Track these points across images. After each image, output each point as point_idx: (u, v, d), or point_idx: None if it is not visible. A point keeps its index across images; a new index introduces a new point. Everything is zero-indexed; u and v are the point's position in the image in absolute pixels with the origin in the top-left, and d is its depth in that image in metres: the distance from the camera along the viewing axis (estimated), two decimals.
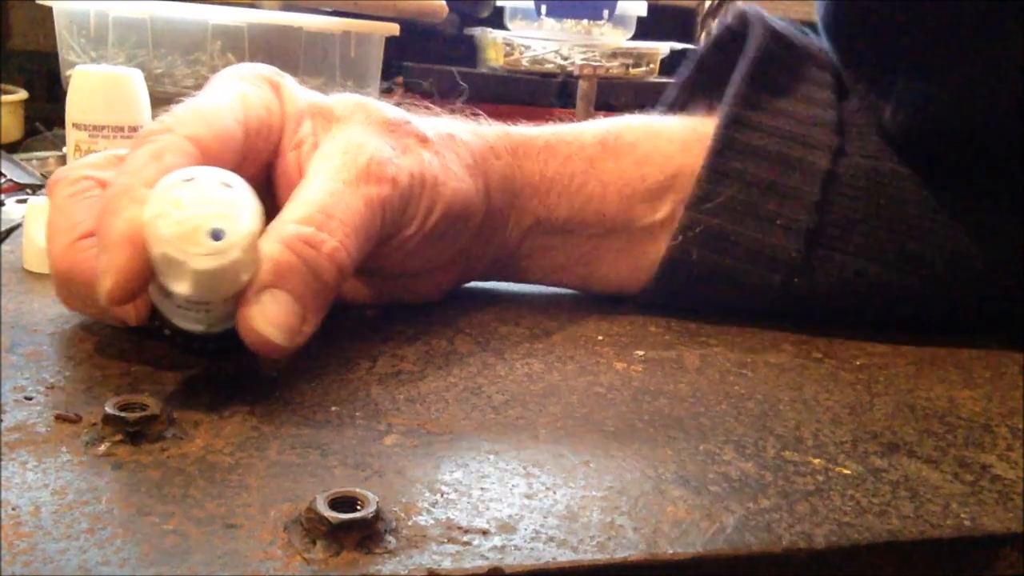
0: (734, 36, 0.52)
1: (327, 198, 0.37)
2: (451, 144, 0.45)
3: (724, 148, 0.46)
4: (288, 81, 0.43)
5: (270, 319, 0.34)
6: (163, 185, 0.33)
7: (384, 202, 0.40)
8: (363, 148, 0.40)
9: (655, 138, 0.50)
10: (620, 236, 0.49)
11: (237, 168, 0.38)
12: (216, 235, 0.32)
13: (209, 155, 0.37)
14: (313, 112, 0.42)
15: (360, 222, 0.38)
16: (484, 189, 0.46)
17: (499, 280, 0.52)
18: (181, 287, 0.33)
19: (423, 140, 0.43)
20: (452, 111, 0.48)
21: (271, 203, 0.35)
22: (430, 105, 0.48)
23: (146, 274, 0.33)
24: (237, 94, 0.40)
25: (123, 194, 0.34)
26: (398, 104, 0.45)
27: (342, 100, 0.43)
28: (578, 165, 0.49)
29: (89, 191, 0.39)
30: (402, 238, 0.42)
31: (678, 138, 0.50)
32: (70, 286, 0.39)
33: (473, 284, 0.52)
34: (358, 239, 0.38)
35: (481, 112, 0.50)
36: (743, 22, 0.51)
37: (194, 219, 0.32)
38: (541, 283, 0.52)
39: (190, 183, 0.33)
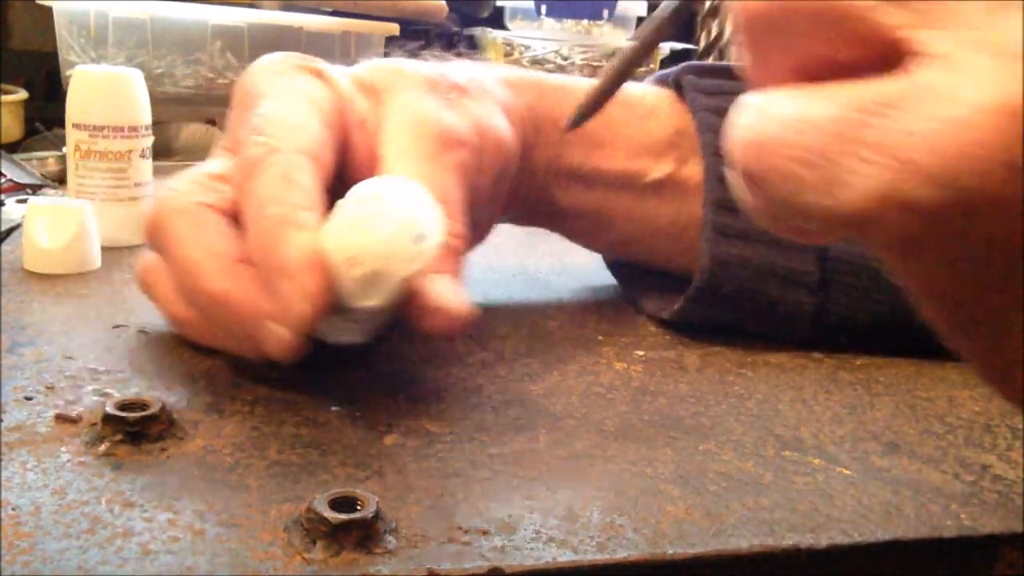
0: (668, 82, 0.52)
1: (424, 183, 0.37)
2: (483, 88, 0.45)
3: (718, 236, 0.46)
4: (324, 65, 0.43)
5: (453, 296, 0.35)
6: (348, 205, 0.33)
7: (464, 165, 0.41)
8: (426, 118, 0.40)
9: (658, 95, 0.51)
10: (629, 191, 0.50)
11: (332, 161, 0.38)
12: (420, 239, 0.33)
13: (316, 162, 0.36)
14: (359, 88, 0.42)
15: (459, 195, 0.39)
16: (518, 126, 0.46)
17: (523, 224, 0.52)
18: (374, 300, 0.33)
19: (462, 91, 0.44)
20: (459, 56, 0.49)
21: (343, 187, 0.35)
22: (442, 54, 0.48)
23: (331, 296, 0.33)
24: (301, 94, 0.40)
25: (284, 223, 0.34)
26: (412, 57, 0.46)
27: (377, 69, 0.43)
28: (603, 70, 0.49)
29: (212, 217, 0.38)
30: (478, 191, 0.43)
31: (676, 98, 0.51)
32: (221, 311, 0.36)
33: (472, 284, 0.52)
34: (464, 211, 0.39)
35: (489, 58, 0.50)
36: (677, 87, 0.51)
37: (399, 230, 0.33)
38: (559, 231, 0.53)
39: (371, 199, 0.33)
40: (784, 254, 0.46)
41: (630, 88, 0.51)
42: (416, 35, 1.13)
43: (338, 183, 0.38)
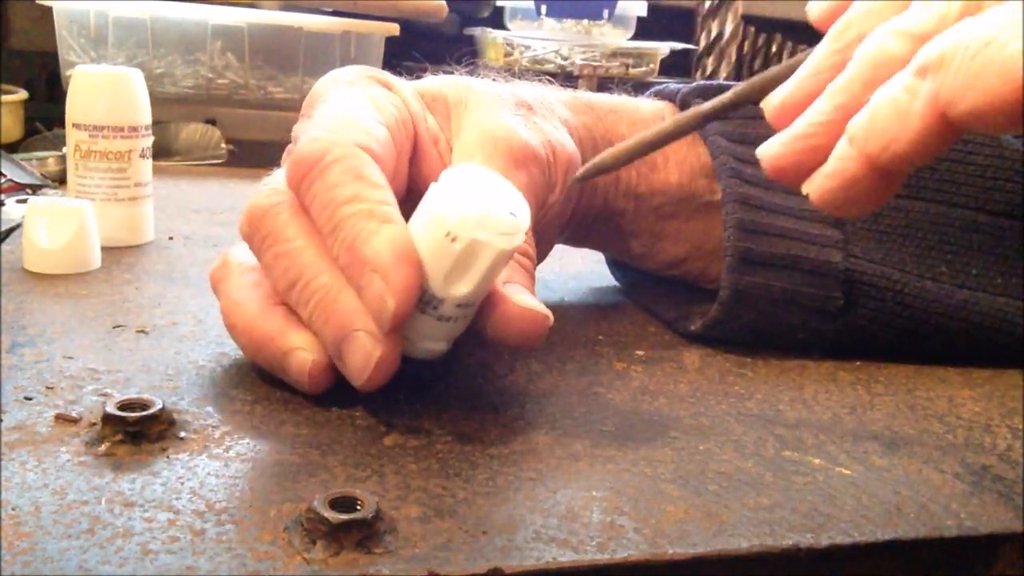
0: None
1: None
2: (548, 106, 0.46)
3: (740, 263, 0.45)
4: (393, 78, 0.43)
5: (533, 302, 0.35)
6: (441, 186, 0.34)
7: (535, 180, 0.41)
8: (500, 134, 0.40)
9: None
10: (682, 211, 0.50)
11: (395, 167, 0.38)
12: (515, 213, 0.33)
13: (376, 158, 0.36)
14: (428, 103, 0.43)
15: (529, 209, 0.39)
16: (578, 144, 0.46)
17: (578, 244, 0.53)
18: (467, 283, 0.33)
19: (530, 108, 0.44)
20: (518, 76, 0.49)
21: (414, 201, 0.35)
22: (499, 74, 0.48)
23: (419, 289, 0.33)
24: (365, 97, 0.40)
25: (369, 218, 0.33)
26: (470, 73, 0.46)
27: (447, 84, 0.44)
28: (641, 131, 0.49)
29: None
30: (546, 207, 0.43)
31: None
32: (330, 309, 0.35)
33: None
34: (532, 225, 0.39)
35: (549, 77, 0.50)
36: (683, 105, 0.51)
37: (497, 200, 0.33)
38: (613, 251, 0.54)
39: (464, 177, 0.34)
40: (807, 279, 0.45)
41: (675, 113, 0.51)
42: (416, 35, 1.13)
43: (409, 197, 0.38)
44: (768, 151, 0.30)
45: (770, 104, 0.30)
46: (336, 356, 0.35)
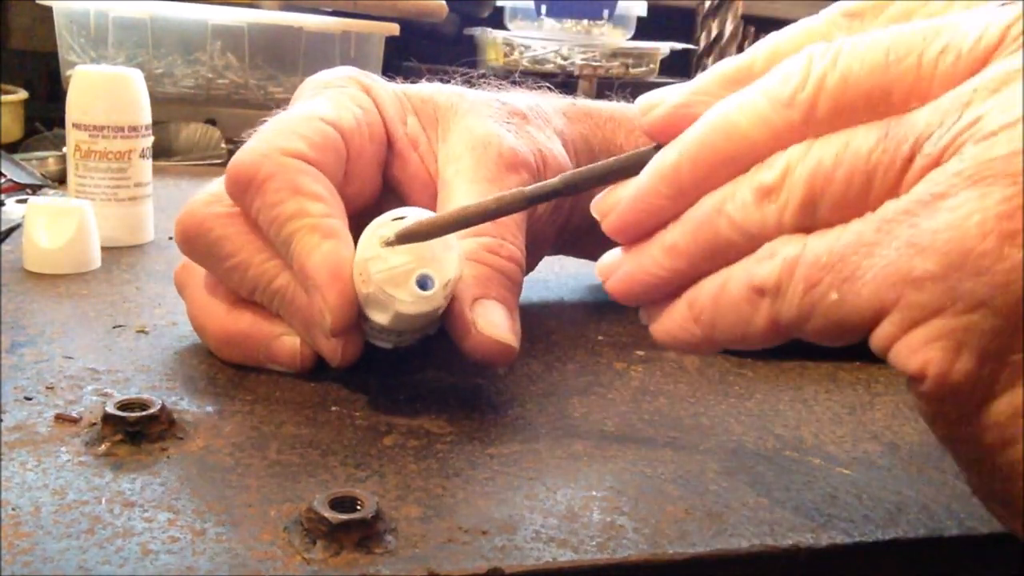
0: None
1: None
2: (542, 116, 0.46)
3: None
4: (376, 80, 0.43)
5: (499, 325, 0.35)
6: (375, 225, 0.34)
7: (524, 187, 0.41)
8: (489, 140, 0.40)
9: None
10: None
11: (350, 168, 0.38)
12: (423, 283, 0.33)
13: (315, 164, 0.36)
14: (415, 106, 0.43)
15: (518, 218, 0.39)
16: (573, 154, 0.46)
17: (570, 253, 0.53)
18: (382, 319, 0.34)
19: (523, 117, 0.44)
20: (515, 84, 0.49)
21: (396, 203, 0.36)
22: (498, 82, 0.48)
23: (356, 303, 0.34)
24: (325, 98, 0.40)
25: (312, 231, 0.34)
26: (468, 84, 0.46)
27: (438, 91, 0.44)
28: (641, 139, 0.49)
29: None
30: (535, 218, 0.43)
31: None
32: (288, 307, 0.37)
33: None
34: (521, 232, 0.39)
35: (548, 85, 0.50)
36: None
37: (405, 265, 0.33)
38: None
39: (399, 223, 0.33)
40: None
41: None
42: (416, 35, 1.13)
43: (393, 198, 0.39)
44: (612, 282, 0.30)
45: (603, 216, 0.30)
46: (309, 342, 0.37)
